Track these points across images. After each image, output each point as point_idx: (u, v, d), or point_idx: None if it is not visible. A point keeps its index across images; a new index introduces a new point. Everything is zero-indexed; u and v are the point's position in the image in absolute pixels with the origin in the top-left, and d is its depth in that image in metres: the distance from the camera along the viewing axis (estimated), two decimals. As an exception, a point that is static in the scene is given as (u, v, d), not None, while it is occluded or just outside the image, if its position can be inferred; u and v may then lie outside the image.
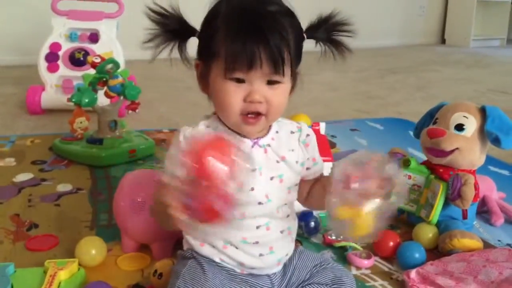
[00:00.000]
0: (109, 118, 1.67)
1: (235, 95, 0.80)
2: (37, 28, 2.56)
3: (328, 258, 1.00)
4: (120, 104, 1.69)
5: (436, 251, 1.16)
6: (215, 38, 0.80)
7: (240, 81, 0.80)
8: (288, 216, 0.91)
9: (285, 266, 0.93)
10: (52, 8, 2.28)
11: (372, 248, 1.17)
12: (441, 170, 1.23)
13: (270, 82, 0.81)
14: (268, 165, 0.86)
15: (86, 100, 1.61)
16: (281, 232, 0.90)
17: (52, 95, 2.20)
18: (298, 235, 1.20)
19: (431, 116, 1.31)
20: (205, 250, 0.88)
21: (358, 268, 1.11)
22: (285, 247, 0.91)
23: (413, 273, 1.03)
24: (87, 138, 1.67)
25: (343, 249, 1.17)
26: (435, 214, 1.19)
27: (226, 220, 0.70)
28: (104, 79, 1.64)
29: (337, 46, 0.91)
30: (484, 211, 1.37)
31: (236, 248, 0.87)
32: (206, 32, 0.83)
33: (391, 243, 1.15)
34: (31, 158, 1.66)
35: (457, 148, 1.20)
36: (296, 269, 0.93)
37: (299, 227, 1.19)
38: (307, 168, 0.92)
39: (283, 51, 0.79)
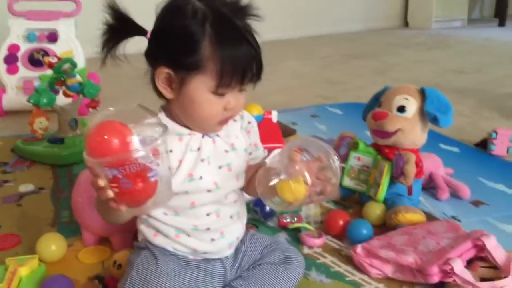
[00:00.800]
0: (69, 117, 1.70)
1: (217, 107, 0.84)
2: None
3: (278, 240, 1.06)
4: (79, 102, 1.72)
5: (385, 227, 1.23)
6: (199, 53, 0.80)
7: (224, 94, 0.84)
8: (235, 201, 0.96)
9: (237, 250, 0.98)
10: (8, 9, 2.28)
11: (324, 227, 1.24)
12: (386, 150, 1.30)
13: (241, 90, 0.86)
14: (217, 155, 0.91)
15: (45, 101, 1.63)
16: (231, 217, 0.95)
17: (13, 96, 2.20)
18: (254, 219, 1.27)
19: (376, 100, 1.37)
20: (158, 240, 0.92)
21: (310, 247, 1.17)
22: (235, 231, 0.97)
23: (359, 248, 1.09)
24: (48, 138, 1.69)
25: (297, 230, 1.23)
26: (382, 192, 1.26)
27: (142, 203, 0.73)
28: (62, 78, 1.66)
29: None
30: (431, 187, 1.44)
31: (188, 235, 0.91)
32: (181, 42, 0.81)
33: (341, 222, 1.21)
34: (-7, 160, 1.68)
35: (399, 129, 1.27)
36: (247, 251, 0.99)
37: (255, 212, 1.26)
38: (249, 153, 0.97)
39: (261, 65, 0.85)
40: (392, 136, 1.28)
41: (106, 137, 0.69)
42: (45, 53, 2.21)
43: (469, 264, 1.02)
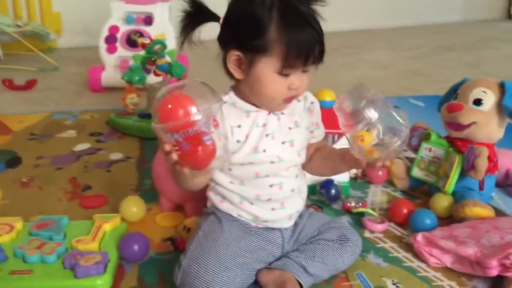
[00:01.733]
0: (158, 95, 1.83)
1: (281, 87, 0.92)
2: (98, 12, 2.76)
3: (336, 219, 1.10)
4: (167, 81, 1.84)
5: (451, 220, 1.23)
6: (267, 36, 0.87)
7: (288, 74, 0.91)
8: (297, 176, 1.02)
9: (296, 224, 1.05)
10: (111, -7, 2.47)
11: (388, 215, 1.26)
12: (459, 143, 1.29)
13: (304, 71, 0.93)
14: (281, 131, 0.97)
15: (136, 78, 1.77)
16: (292, 190, 1.01)
17: (111, 74, 2.39)
18: (319, 201, 1.32)
19: (454, 91, 1.36)
20: (224, 206, 1.00)
21: (372, 232, 1.20)
22: (295, 204, 1.03)
23: (419, 236, 1.11)
24: (138, 112, 1.84)
25: (361, 215, 1.26)
26: (451, 184, 1.25)
27: (205, 167, 0.82)
28: (153, 58, 1.80)
29: None
30: (508, 184, 1.40)
31: (251, 203, 0.99)
32: (249, 23, 0.89)
33: (405, 210, 1.23)
34: (89, 130, 1.85)
35: (474, 122, 1.25)
36: (306, 227, 1.05)
37: (320, 194, 1.30)
38: (311, 132, 1.02)
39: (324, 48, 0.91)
40: (466, 129, 1.26)
41: (169, 106, 0.79)
42: (141, 34, 2.37)
43: (533, 262, 1.00)
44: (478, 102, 1.26)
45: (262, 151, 0.95)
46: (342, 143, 1.35)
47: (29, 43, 2.99)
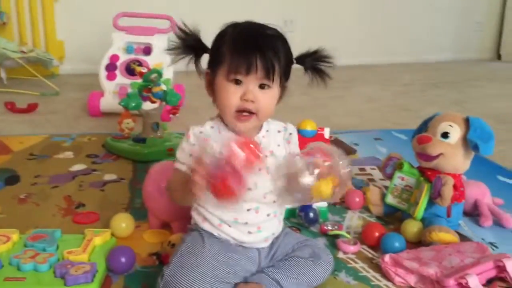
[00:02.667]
0: (152, 121, 1.94)
1: (233, 94, 1.02)
2: (100, 41, 2.89)
3: (311, 239, 1.19)
4: (161, 108, 1.95)
5: (420, 245, 1.31)
6: (222, 50, 1.02)
7: (238, 82, 1.02)
8: (274, 201, 1.11)
9: (272, 243, 1.13)
10: (113, 24, 2.61)
11: (361, 238, 1.34)
12: (429, 173, 1.38)
13: (262, 86, 1.03)
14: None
15: (133, 104, 1.88)
16: (268, 215, 1.10)
17: (110, 100, 2.50)
18: (298, 224, 1.41)
19: (425, 125, 1.46)
20: (206, 225, 1.09)
21: (345, 252, 1.29)
22: (271, 228, 1.11)
23: (387, 257, 1.19)
24: (133, 137, 1.94)
25: (336, 237, 1.35)
26: (420, 210, 1.34)
27: (237, 198, 0.90)
28: (149, 86, 1.91)
29: (320, 74, 1.10)
30: (477, 214, 1.49)
31: (229, 226, 1.08)
32: (215, 46, 1.06)
33: (377, 233, 1.31)
34: (86, 152, 1.95)
35: (441, 153, 1.35)
36: (281, 245, 1.13)
37: (300, 217, 1.39)
38: None
39: (274, 62, 1.02)
40: (434, 160, 1.36)
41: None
42: (140, 63, 2.49)
43: (490, 283, 1.09)
44: (445, 135, 1.36)
45: None
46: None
47: (32, 68, 3.12)
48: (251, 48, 1.00)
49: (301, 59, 1.10)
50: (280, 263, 1.11)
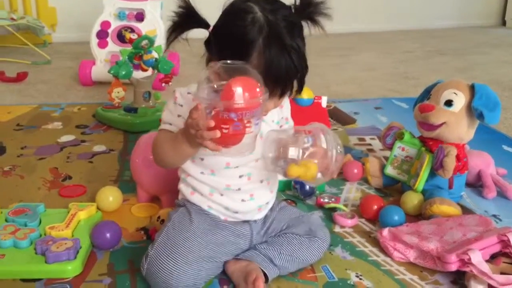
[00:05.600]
0: (144, 90, 1.86)
1: None
2: (93, 8, 2.79)
3: (307, 214, 1.13)
4: (153, 77, 1.87)
5: (421, 218, 1.26)
6: (247, 61, 0.88)
7: None
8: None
9: (266, 217, 1.07)
10: (104, -11, 2.50)
11: (359, 210, 1.29)
12: (431, 143, 1.32)
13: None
14: None
15: (123, 72, 1.80)
16: (261, 181, 1.04)
17: (101, 68, 2.42)
18: (294, 196, 1.35)
19: (427, 93, 1.39)
20: (195, 198, 1.03)
21: (341, 226, 1.23)
22: (265, 196, 1.05)
23: (385, 231, 1.14)
24: (124, 107, 1.86)
25: (333, 210, 1.29)
26: (421, 182, 1.28)
27: (241, 137, 0.83)
28: (140, 54, 1.82)
29: (316, 25, 1.01)
30: (480, 185, 1.44)
31: (221, 194, 1.02)
32: (235, 47, 0.90)
33: (375, 206, 1.26)
34: (76, 123, 1.88)
35: (444, 123, 1.28)
36: (275, 220, 1.08)
37: (295, 189, 1.34)
38: (280, 126, 1.06)
39: (304, 79, 0.95)
40: (437, 129, 1.29)
41: (243, 86, 0.80)
42: (132, 30, 2.40)
43: (493, 258, 1.04)
44: (449, 103, 1.29)
45: None
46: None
47: (24, 36, 3.03)
48: (288, 70, 0.89)
49: (299, 11, 1.01)
50: (274, 239, 1.06)
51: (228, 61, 0.86)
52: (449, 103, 1.29)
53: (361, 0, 4.36)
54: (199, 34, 0.98)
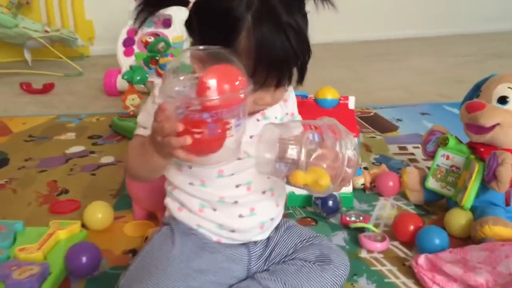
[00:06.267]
0: (161, 96, 1.71)
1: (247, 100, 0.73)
2: (128, 20, 2.70)
3: (320, 236, 0.92)
4: (170, 82, 1.72)
5: (470, 241, 1.02)
6: (235, 43, 0.70)
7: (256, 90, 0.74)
8: (269, 177, 0.85)
9: (269, 239, 0.88)
10: (132, -4, 2.40)
11: (392, 232, 1.07)
12: (482, 149, 1.08)
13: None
14: (248, 123, 0.81)
15: (138, 78, 1.66)
16: (263, 192, 0.84)
17: (127, 77, 2.30)
18: (315, 213, 1.15)
19: (477, 89, 1.16)
20: (182, 215, 0.85)
21: (369, 251, 1.02)
22: (269, 210, 0.86)
23: (421, 259, 0.92)
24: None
25: (360, 230, 1.08)
26: (469, 197, 1.05)
27: (219, 144, 0.66)
28: (156, 58, 1.68)
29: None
30: (547, 201, 1.17)
31: (214, 209, 0.83)
32: (219, 27, 0.72)
33: (411, 227, 1.03)
34: (90, 133, 1.76)
35: (497, 124, 1.05)
36: (280, 242, 0.88)
37: (316, 205, 1.13)
38: None
39: (306, 65, 0.75)
40: (489, 132, 1.06)
41: (218, 76, 0.63)
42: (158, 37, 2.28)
43: None
44: (503, 100, 1.05)
45: None
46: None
47: (59, 49, 2.99)
48: (284, 54, 0.71)
49: None
50: (277, 267, 0.85)
51: (200, 47, 0.69)
52: (503, 100, 1.05)
53: (413, 4, 4.09)
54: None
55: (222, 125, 0.64)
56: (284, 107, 0.87)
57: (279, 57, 0.70)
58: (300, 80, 0.76)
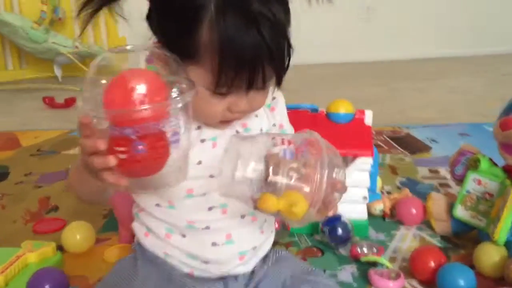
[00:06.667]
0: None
1: (217, 106, 0.64)
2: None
3: (316, 270, 0.77)
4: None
5: (502, 283, 0.86)
6: (196, 37, 0.59)
7: (226, 93, 0.63)
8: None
9: (253, 273, 0.74)
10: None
11: (409, 268, 0.91)
12: (518, 173, 0.92)
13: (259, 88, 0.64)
14: (224, 135, 0.69)
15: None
16: (242, 217, 0.72)
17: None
18: (321, 242, 1.01)
19: (515, 104, 1.00)
20: (149, 241, 0.74)
21: (380, 290, 0.86)
22: (250, 238, 0.73)
23: (440, 304, 0.76)
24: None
25: (372, 265, 0.93)
26: (502, 230, 0.88)
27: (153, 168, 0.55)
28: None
29: None
30: None
31: (182, 235, 0.71)
32: (178, 19, 0.61)
33: (432, 263, 0.87)
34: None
35: (538, 143, 0.88)
36: (267, 277, 0.75)
37: (323, 233, 0.99)
38: (273, 138, 0.72)
39: (283, 67, 0.63)
40: (527, 153, 0.89)
41: (130, 84, 0.52)
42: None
43: None
44: (545, 115, 0.89)
45: (197, 163, 0.68)
46: (357, 166, 1.03)
47: (88, 66, 2.97)
48: (256, 47, 0.58)
49: None
50: (262, 307, 0.72)
51: (116, 48, 0.59)
52: (545, 115, 0.89)
53: (454, 23, 3.89)
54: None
55: (151, 143, 0.52)
56: (271, 117, 0.74)
57: (248, 54, 0.58)
58: (278, 82, 0.63)
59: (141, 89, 0.51)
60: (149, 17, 0.66)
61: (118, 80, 0.53)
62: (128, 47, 0.59)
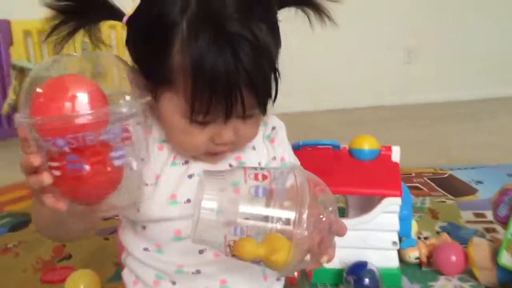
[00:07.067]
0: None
1: (199, 136, 0.58)
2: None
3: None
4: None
5: None
6: (169, 60, 0.54)
7: (206, 123, 0.57)
8: None
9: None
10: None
11: (446, 325, 0.79)
12: None
13: (244, 116, 0.58)
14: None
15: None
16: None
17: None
18: (347, 294, 0.90)
19: None
20: (137, 289, 0.66)
21: None
22: (249, 284, 0.65)
23: None
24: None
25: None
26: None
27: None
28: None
29: (316, 9, 0.63)
30: None
31: (173, 283, 0.64)
32: (147, 40, 0.56)
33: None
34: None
35: None
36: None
37: (347, 283, 0.89)
38: None
39: (266, 92, 0.56)
40: None
41: (58, 90, 0.47)
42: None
43: None
44: None
45: (185, 202, 0.61)
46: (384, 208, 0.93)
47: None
48: (231, 73, 0.52)
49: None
50: None
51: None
52: None
53: (500, 62, 3.72)
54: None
55: (87, 156, 0.46)
56: (271, 149, 0.67)
57: (222, 79, 0.51)
58: (262, 110, 0.56)
59: (73, 94, 0.45)
60: (127, 42, 0.61)
61: (49, 84, 0.47)
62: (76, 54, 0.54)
